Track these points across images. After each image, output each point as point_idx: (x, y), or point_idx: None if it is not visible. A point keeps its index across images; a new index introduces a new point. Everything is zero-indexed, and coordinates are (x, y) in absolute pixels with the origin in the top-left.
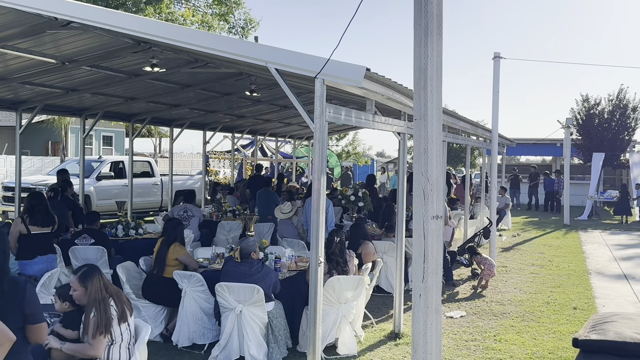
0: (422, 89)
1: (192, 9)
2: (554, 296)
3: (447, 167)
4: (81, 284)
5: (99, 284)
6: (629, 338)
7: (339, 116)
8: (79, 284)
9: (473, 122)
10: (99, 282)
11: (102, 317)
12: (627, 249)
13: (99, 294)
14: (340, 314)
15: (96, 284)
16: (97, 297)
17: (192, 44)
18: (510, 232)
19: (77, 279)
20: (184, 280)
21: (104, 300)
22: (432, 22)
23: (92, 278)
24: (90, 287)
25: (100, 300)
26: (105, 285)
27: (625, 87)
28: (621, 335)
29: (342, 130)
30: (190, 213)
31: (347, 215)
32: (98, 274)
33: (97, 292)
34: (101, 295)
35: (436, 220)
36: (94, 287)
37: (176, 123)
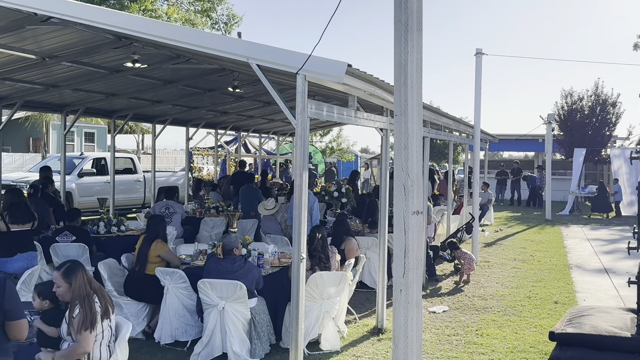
0: (403, 85)
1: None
2: (536, 291)
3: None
4: (65, 279)
5: (83, 279)
6: (604, 331)
7: (320, 112)
8: (63, 280)
9: (455, 118)
10: (83, 278)
11: (87, 312)
12: (607, 243)
13: (84, 289)
14: (323, 309)
15: (80, 279)
16: (81, 292)
17: (173, 39)
18: (493, 227)
19: (61, 275)
20: (166, 277)
21: (88, 295)
22: (412, 18)
23: (76, 273)
24: (74, 283)
25: (85, 296)
26: (90, 281)
27: (601, 82)
28: (597, 328)
29: (326, 127)
30: (172, 210)
31: (330, 211)
32: (82, 270)
33: (82, 287)
34: (85, 290)
35: (417, 215)
36: (78, 282)
37: (159, 119)
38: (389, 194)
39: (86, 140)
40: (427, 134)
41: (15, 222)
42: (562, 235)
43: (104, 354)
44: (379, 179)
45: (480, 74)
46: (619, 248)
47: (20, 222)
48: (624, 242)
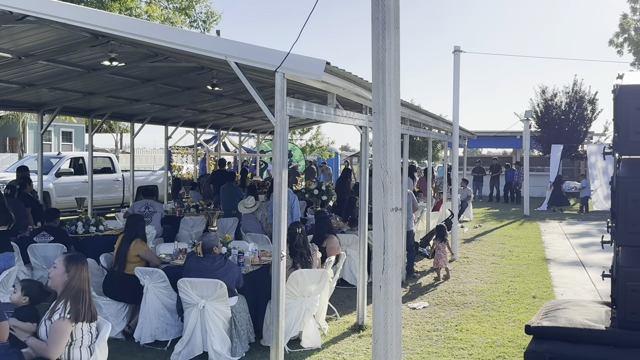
0: (381, 82)
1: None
2: (514, 286)
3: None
4: (65, 264)
5: (86, 275)
6: (579, 324)
7: (299, 110)
8: (63, 264)
9: (434, 115)
10: (86, 273)
11: (72, 307)
12: (584, 237)
13: (82, 283)
14: (304, 307)
15: (83, 273)
16: (78, 285)
17: (150, 37)
18: (472, 223)
19: (64, 259)
20: (145, 277)
21: (82, 292)
22: (390, 16)
23: (78, 265)
24: (74, 273)
25: (79, 291)
26: (87, 280)
27: (579, 79)
28: (572, 321)
29: (306, 124)
30: (152, 209)
31: (310, 209)
32: (85, 265)
33: (79, 281)
34: (81, 285)
35: (395, 212)
36: (78, 274)
37: (137, 118)
38: (369, 191)
39: (64, 140)
40: (407, 131)
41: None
42: (540, 230)
43: (84, 354)
44: (359, 176)
45: (459, 72)
46: (596, 242)
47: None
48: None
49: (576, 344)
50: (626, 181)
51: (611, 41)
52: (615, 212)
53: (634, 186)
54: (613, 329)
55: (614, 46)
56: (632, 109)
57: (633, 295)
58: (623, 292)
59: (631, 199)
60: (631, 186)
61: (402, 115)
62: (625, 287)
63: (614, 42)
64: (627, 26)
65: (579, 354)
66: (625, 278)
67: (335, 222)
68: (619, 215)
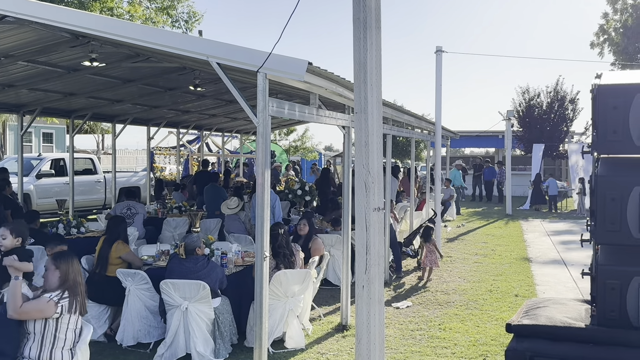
0: (362, 82)
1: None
2: (497, 284)
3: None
4: (54, 262)
5: (78, 267)
6: (559, 322)
7: (282, 110)
8: (52, 263)
9: (417, 115)
10: (77, 266)
11: (69, 298)
12: (565, 235)
13: (76, 276)
14: (288, 308)
15: (75, 266)
16: (73, 278)
17: (131, 37)
18: (455, 222)
19: (52, 258)
20: (127, 279)
21: (78, 284)
22: (371, 16)
23: (68, 260)
24: (65, 267)
25: (75, 283)
26: (80, 273)
27: (562, 79)
28: (552, 319)
29: (290, 125)
30: (134, 210)
31: (294, 209)
32: (74, 259)
33: (74, 274)
34: (77, 278)
35: (378, 212)
36: (70, 267)
37: (119, 119)
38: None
39: (44, 141)
40: (389, 131)
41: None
42: (522, 229)
43: (65, 357)
44: (342, 176)
45: (441, 72)
46: (577, 240)
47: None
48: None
49: (556, 341)
50: (604, 180)
51: (592, 43)
52: (594, 211)
53: (612, 185)
54: (593, 326)
55: (594, 47)
56: (609, 109)
57: (612, 293)
58: (602, 290)
59: (609, 198)
60: (609, 185)
61: (385, 115)
62: (604, 285)
63: (595, 42)
64: (607, 26)
65: (559, 352)
66: (605, 276)
67: (318, 222)
68: (597, 214)
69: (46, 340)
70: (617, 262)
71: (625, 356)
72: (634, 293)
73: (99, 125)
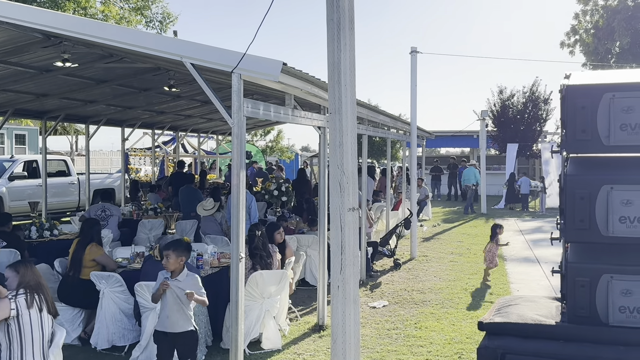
0: (336, 83)
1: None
2: (472, 283)
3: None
4: (12, 269)
5: (37, 271)
6: (529, 319)
7: (257, 111)
8: (11, 270)
9: (393, 115)
10: (37, 270)
11: (29, 294)
12: (538, 233)
13: (32, 278)
14: (264, 308)
15: (34, 269)
16: (33, 279)
17: (104, 37)
18: (431, 222)
19: (10, 267)
20: (101, 281)
21: (40, 285)
22: (344, 17)
23: (26, 265)
24: (24, 270)
25: (37, 283)
26: (40, 276)
27: (539, 80)
28: (523, 317)
29: (267, 125)
30: (109, 212)
31: (271, 210)
32: (33, 264)
33: (33, 275)
34: (35, 280)
35: (352, 212)
36: (28, 272)
37: (92, 120)
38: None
39: (17, 143)
40: (365, 131)
41: None
42: None
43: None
44: (319, 177)
45: (416, 72)
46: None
47: None
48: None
49: (527, 338)
50: (573, 179)
51: (562, 43)
52: (564, 209)
53: (581, 184)
54: (563, 323)
55: (565, 47)
56: (578, 108)
57: (582, 290)
58: (572, 288)
59: (578, 196)
60: (578, 183)
61: (360, 116)
62: (574, 283)
63: (565, 43)
64: (578, 27)
65: (530, 349)
66: (574, 274)
67: (295, 222)
68: (567, 212)
69: (14, 346)
70: (587, 260)
71: (595, 353)
72: (603, 290)
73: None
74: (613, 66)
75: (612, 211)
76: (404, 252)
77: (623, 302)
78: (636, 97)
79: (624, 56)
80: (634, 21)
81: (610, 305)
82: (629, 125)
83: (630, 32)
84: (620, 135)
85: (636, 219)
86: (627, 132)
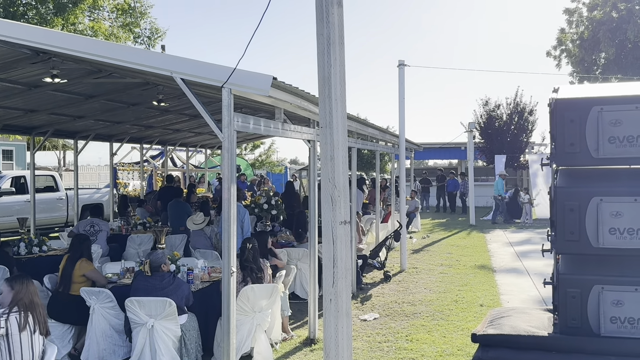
0: (327, 97)
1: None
2: (462, 294)
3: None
4: (8, 284)
5: (33, 288)
6: (522, 331)
7: (247, 125)
8: (6, 285)
9: (381, 128)
10: (33, 287)
11: (23, 314)
12: (527, 245)
13: (32, 296)
14: (255, 323)
15: (30, 287)
16: (28, 297)
17: (93, 53)
18: (420, 234)
19: (6, 281)
20: (91, 297)
21: (34, 303)
22: (334, 32)
23: (24, 281)
24: (19, 287)
25: (31, 302)
26: (35, 294)
27: (521, 91)
28: (516, 328)
29: (256, 139)
30: (98, 227)
31: (260, 223)
32: (30, 280)
33: (28, 293)
34: (32, 297)
35: (344, 225)
36: (24, 288)
37: (81, 135)
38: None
39: (4, 158)
40: (354, 144)
41: None
42: (486, 239)
43: None
44: (308, 190)
45: (404, 85)
46: (539, 249)
47: None
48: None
49: (520, 350)
50: (563, 191)
51: (548, 52)
52: (554, 221)
53: (570, 196)
54: (555, 334)
55: (551, 58)
56: (567, 122)
57: (573, 301)
58: (564, 299)
59: (568, 208)
60: (568, 196)
61: (350, 129)
62: (565, 294)
63: (551, 54)
64: (564, 39)
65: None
66: (565, 285)
67: (285, 236)
68: (557, 224)
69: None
70: (578, 271)
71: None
72: (594, 301)
73: (60, 141)
74: (599, 77)
75: (602, 223)
76: (394, 264)
77: (614, 312)
78: (624, 111)
79: (609, 67)
80: (619, 32)
81: (602, 315)
82: (617, 138)
83: (615, 43)
84: (609, 148)
85: (626, 230)
86: (615, 144)
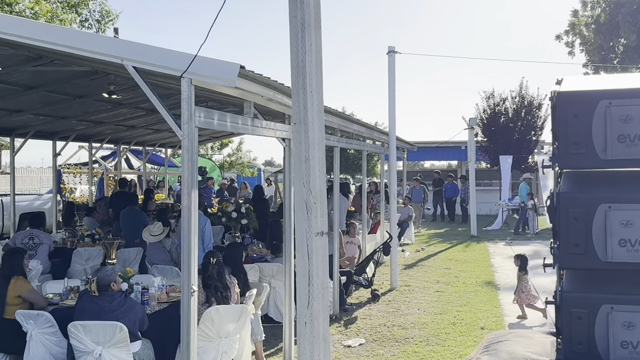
0: (301, 89)
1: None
2: (461, 316)
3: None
4: None
5: None
6: (521, 358)
7: (211, 121)
8: None
9: (368, 124)
10: None
11: None
12: (534, 259)
13: None
14: (221, 350)
15: None
16: None
17: (31, 37)
18: (414, 246)
19: None
20: (29, 321)
21: None
22: (310, 14)
23: None
24: None
25: None
26: None
27: (525, 82)
28: (514, 355)
29: (224, 137)
30: (38, 240)
31: (229, 234)
32: None
33: None
34: None
35: (321, 237)
36: None
37: (18, 132)
38: None
39: None
40: (337, 143)
41: None
42: (489, 252)
43: None
44: (284, 195)
45: (394, 75)
46: None
47: None
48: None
49: None
50: (567, 197)
51: (559, 36)
52: (557, 232)
53: (575, 202)
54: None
55: (563, 44)
56: (570, 117)
57: (579, 323)
58: (568, 320)
59: (572, 217)
60: (572, 202)
61: (331, 125)
62: (570, 315)
63: (562, 38)
64: (577, 23)
65: None
66: (570, 304)
67: (257, 249)
68: (560, 235)
69: None
70: (584, 289)
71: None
72: (602, 323)
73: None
74: (618, 67)
75: (611, 233)
76: (383, 281)
77: (625, 336)
78: (635, 105)
79: (629, 55)
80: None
81: (611, 339)
82: (627, 136)
83: (637, 27)
84: (618, 148)
85: (638, 242)
86: (625, 144)
